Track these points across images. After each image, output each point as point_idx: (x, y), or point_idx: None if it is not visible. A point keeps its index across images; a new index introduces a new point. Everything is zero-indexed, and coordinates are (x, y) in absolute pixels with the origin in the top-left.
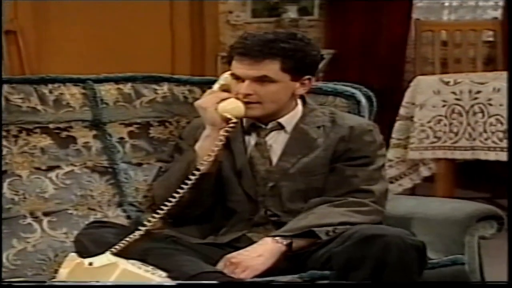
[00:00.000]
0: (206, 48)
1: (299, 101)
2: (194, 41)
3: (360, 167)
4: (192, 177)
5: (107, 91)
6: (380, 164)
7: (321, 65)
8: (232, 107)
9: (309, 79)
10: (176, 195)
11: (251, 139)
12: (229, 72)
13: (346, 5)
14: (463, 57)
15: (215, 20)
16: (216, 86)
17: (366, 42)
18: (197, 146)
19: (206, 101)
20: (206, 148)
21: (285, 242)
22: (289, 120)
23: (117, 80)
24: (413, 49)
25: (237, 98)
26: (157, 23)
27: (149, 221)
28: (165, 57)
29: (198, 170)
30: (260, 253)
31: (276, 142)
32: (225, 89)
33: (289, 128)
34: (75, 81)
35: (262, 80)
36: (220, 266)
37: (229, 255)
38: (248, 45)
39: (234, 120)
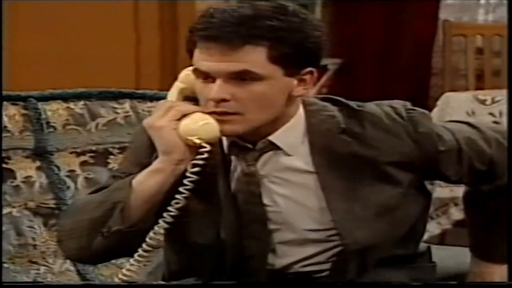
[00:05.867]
0: (179, 56)
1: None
2: (165, 48)
3: None
4: (148, 242)
5: (54, 111)
6: None
7: (324, 78)
8: (200, 125)
9: (310, 72)
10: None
11: (237, 166)
12: (190, 69)
13: (356, 2)
14: (503, 68)
15: (191, 20)
16: (173, 93)
17: (382, 49)
18: (137, 181)
19: (160, 118)
20: (152, 188)
21: None
22: (287, 135)
23: (66, 98)
24: (441, 58)
25: (207, 112)
26: (117, 25)
27: None
28: (128, 68)
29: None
30: None
31: (274, 170)
32: (186, 96)
33: (288, 147)
34: (14, 99)
35: (242, 77)
36: None
37: None
38: (216, 24)
39: (207, 147)
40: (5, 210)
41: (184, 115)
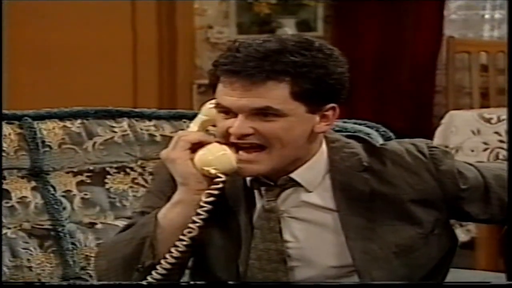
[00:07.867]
0: (178, 74)
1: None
2: (163, 65)
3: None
4: (159, 270)
5: (50, 130)
6: None
7: None
8: (216, 156)
9: (333, 108)
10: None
11: (259, 201)
12: (213, 102)
13: (358, 18)
14: None
15: (190, 38)
16: (194, 125)
17: (384, 66)
18: (161, 214)
19: (175, 149)
20: (176, 220)
21: None
22: (308, 172)
23: (62, 117)
24: (445, 76)
25: (223, 143)
26: (114, 42)
27: None
28: (126, 87)
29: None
30: None
31: (294, 206)
32: (209, 127)
33: (309, 184)
34: (9, 118)
35: (264, 113)
36: None
37: None
38: (240, 59)
39: (222, 177)
40: None
41: (197, 144)
